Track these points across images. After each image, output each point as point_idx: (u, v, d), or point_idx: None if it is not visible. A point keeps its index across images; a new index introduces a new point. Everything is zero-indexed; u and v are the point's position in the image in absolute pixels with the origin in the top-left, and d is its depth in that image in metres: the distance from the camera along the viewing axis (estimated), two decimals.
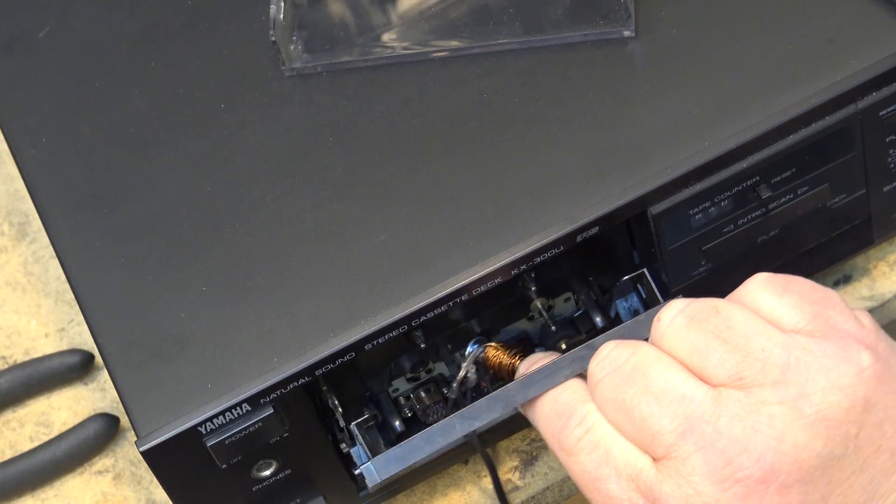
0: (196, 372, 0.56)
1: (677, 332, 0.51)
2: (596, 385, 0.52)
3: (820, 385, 0.49)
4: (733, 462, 0.48)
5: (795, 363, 0.49)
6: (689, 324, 0.51)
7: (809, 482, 0.48)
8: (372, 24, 0.65)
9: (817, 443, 0.48)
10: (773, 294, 0.52)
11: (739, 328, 0.50)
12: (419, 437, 0.57)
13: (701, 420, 0.49)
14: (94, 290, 0.60)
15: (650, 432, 0.50)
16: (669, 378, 0.50)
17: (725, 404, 0.49)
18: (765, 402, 0.49)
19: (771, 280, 0.52)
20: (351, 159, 0.62)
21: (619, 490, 0.51)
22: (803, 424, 0.48)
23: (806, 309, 0.51)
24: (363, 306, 0.57)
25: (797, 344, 0.50)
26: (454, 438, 0.57)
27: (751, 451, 0.48)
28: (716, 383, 0.50)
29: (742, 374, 0.49)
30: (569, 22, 0.63)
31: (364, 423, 0.59)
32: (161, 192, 0.63)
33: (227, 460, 0.56)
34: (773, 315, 0.51)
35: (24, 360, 0.73)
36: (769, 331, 0.50)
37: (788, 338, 0.50)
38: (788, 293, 0.52)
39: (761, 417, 0.48)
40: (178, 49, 0.68)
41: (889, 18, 0.60)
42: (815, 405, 0.48)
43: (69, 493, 0.69)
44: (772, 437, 0.48)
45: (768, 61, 0.60)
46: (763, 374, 0.49)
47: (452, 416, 0.57)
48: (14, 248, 0.78)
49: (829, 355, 0.49)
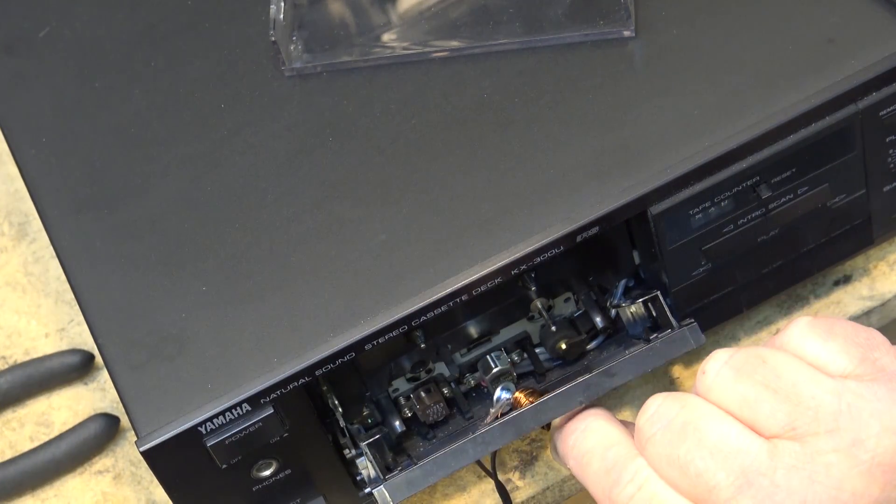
0: (196, 372, 0.56)
1: (725, 384, 0.51)
2: (647, 441, 0.51)
3: (874, 430, 0.48)
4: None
5: (847, 409, 0.49)
6: (737, 375, 0.50)
7: None
8: (372, 24, 0.65)
9: (874, 489, 0.48)
10: (818, 339, 0.51)
11: (788, 377, 0.50)
12: (431, 462, 0.58)
13: (758, 473, 0.48)
14: (94, 290, 0.60)
15: (706, 487, 0.49)
16: (723, 431, 0.50)
17: (781, 456, 0.49)
18: (820, 451, 0.48)
19: (814, 325, 0.52)
20: (351, 159, 0.62)
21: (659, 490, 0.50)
22: (860, 471, 0.48)
23: (853, 353, 0.51)
24: (363, 306, 0.57)
25: (847, 389, 0.49)
26: (467, 463, 0.58)
27: (810, 501, 0.48)
28: (768, 434, 0.49)
29: (795, 423, 0.49)
30: (569, 22, 0.63)
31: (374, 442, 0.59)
32: (161, 192, 0.63)
33: (227, 460, 0.57)
34: (820, 361, 0.51)
35: (24, 360, 0.73)
36: (818, 378, 0.50)
37: (838, 384, 0.50)
38: (833, 337, 0.51)
39: (818, 467, 0.48)
40: (178, 49, 0.68)
41: (889, 18, 0.60)
42: (869, 451, 0.48)
43: (69, 493, 0.69)
44: (830, 486, 0.48)
45: (768, 61, 0.60)
46: (816, 423, 0.49)
47: (465, 441, 0.58)
48: (14, 248, 0.78)
49: (880, 399, 0.49)
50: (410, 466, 0.59)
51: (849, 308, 0.68)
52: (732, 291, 0.63)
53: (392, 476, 0.59)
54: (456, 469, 0.58)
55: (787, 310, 0.68)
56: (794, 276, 0.64)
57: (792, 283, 0.65)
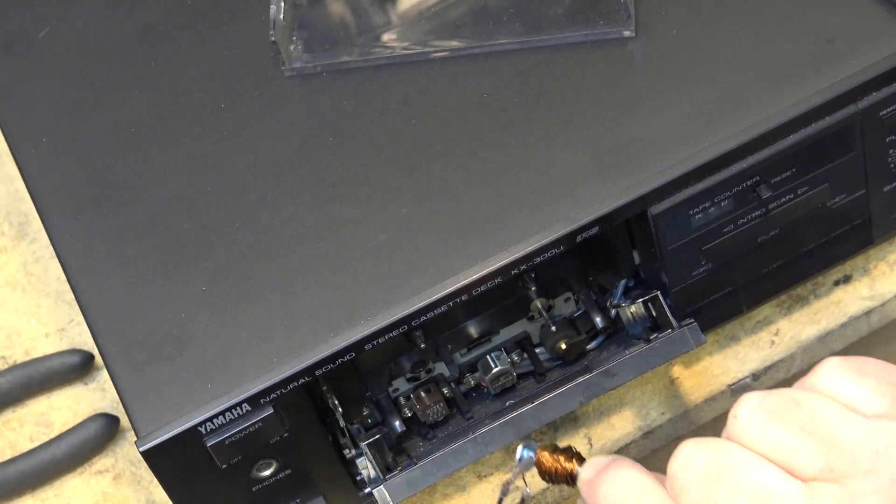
0: (196, 372, 0.56)
1: (759, 427, 0.50)
2: (682, 489, 0.50)
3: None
4: None
5: (885, 450, 0.49)
6: (771, 418, 0.50)
7: None
8: (372, 24, 0.65)
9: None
10: (850, 380, 0.51)
11: (822, 419, 0.49)
12: (431, 462, 0.58)
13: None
14: (94, 290, 0.60)
15: None
16: (761, 475, 0.49)
17: (820, 499, 0.48)
18: (860, 492, 0.48)
19: (844, 365, 0.51)
20: (351, 159, 0.62)
21: None
22: None
23: (886, 392, 0.50)
24: (363, 306, 0.57)
25: (883, 430, 0.49)
26: (466, 463, 0.58)
27: None
28: (805, 478, 0.49)
29: (832, 465, 0.48)
30: (569, 22, 0.63)
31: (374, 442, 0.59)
32: (161, 192, 0.63)
33: (227, 460, 0.56)
34: (854, 402, 0.50)
35: (24, 360, 0.73)
36: (853, 419, 0.49)
37: (873, 424, 0.49)
38: (865, 377, 0.51)
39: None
40: (178, 49, 0.68)
41: (889, 18, 0.60)
42: None
43: (69, 493, 0.69)
44: None
45: (768, 61, 0.60)
46: (854, 464, 0.48)
47: (465, 441, 0.58)
48: (14, 248, 0.78)
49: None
50: (410, 466, 0.59)
51: (849, 308, 0.68)
52: (732, 291, 0.63)
53: (392, 476, 0.59)
54: (456, 469, 0.58)
55: (788, 310, 0.68)
56: (794, 276, 0.64)
57: (792, 284, 0.65)
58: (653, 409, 0.67)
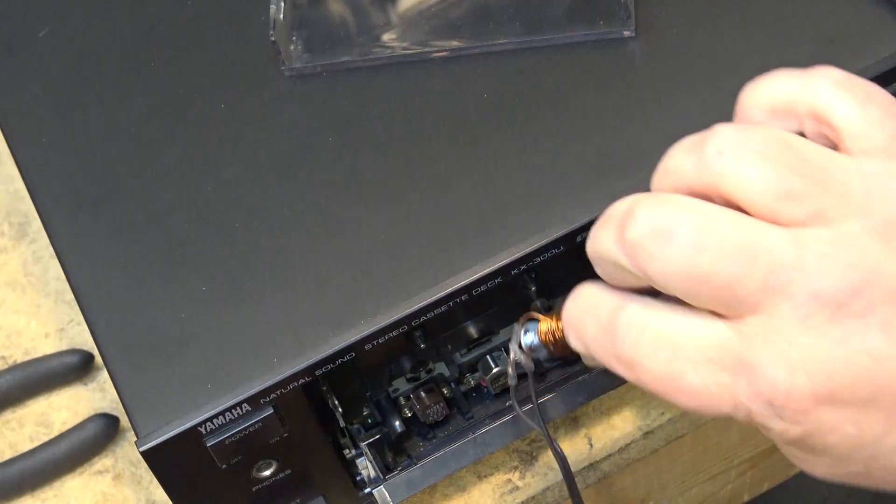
0: (196, 372, 0.56)
1: (745, 169, 0.44)
2: (647, 262, 0.45)
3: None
4: (829, 304, 0.43)
5: (877, 190, 0.44)
6: (761, 162, 0.44)
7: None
8: (372, 24, 0.65)
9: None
10: (856, 105, 0.46)
11: (814, 161, 0.45)
12: (431, 462, 0.58)
13: (785, 268, 0.43)
14: (94, 290, 0.60)
15: (732, 296, 0.44)
16: (743, 233, 0.44)
17: (809, 244, 0.44)
18: (852, 234, 0.44)
19: (850, 85, 0.46)
20: (351, 159, 0.62)
21: (700, 379, 0.45)
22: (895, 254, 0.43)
23: (888, 126, 0.45)
24: (363, 306, 0.57)
25: (875, 168, 0.45)
26: (467, 463, 0.57)
27: (845, 288, 0.43)
28: (792, 224, 0.44)
29: (822, 209, 0.44)
30: (569, 22, 0.63)
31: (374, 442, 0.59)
32: (161, 192, 0.63)
33: (227, 460, 0.56)
34: (852, 130, 0.46)
35: (23, 360, 0.73)
36: (845, 161, 0.45)
37: (866, 164, 0.45)
38: (872, 104, 0.46)
39: (851, 252, 0.43)
40: (178, 49, 0.68)
41: (889, 18, 0.60)
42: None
43: (69, 493, 0.69)
44: (867, 270, 0.43)
45: (768, 61, 0.60)
46: (845, 207, 0.44)
47: (465, 441, 0.58)
48: (14, 248, 0.78)
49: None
50: (410, 466, 0.59)
51: None
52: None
53: (392, 476, 0.59)
54: (456, 469, 0.58)
55: None
56: None
57: None
58: (653, 409, 0.67)
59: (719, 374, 0.45)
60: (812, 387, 0.44)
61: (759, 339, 0.44)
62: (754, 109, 0.48)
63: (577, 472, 0.66)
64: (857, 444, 0.45)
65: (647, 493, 0.76)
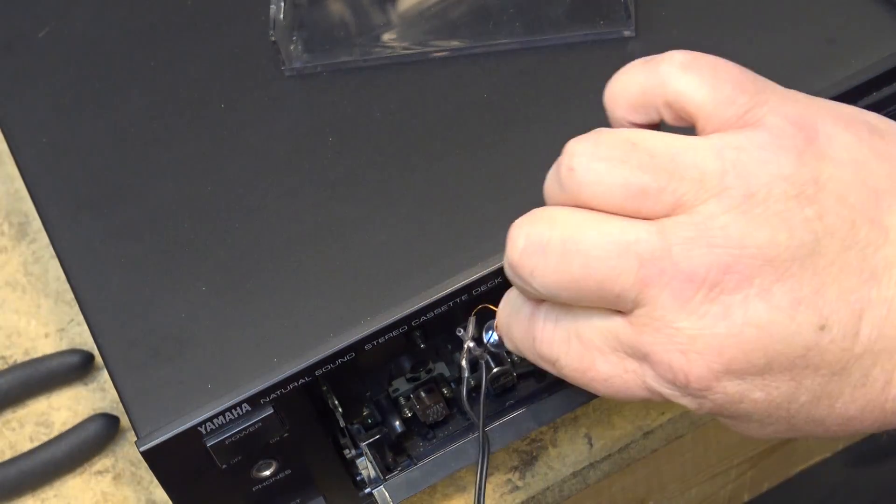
0: (196, 372, 0.56)
1: (599, 181, 0.46)
2: (531, 278, 0.47)
3: (763, 180, 0.45)
4: (702, 285, 0.45)
5: (732, 167, 0.45)
6: (611, 168, 0.46)
7: (791, 277, 0.45)
8: (372, 24, 0.65)
9: (781, 236, 0.45)
10: (704, 84, 0.47)
11: (663, 152, 0.46)
12: (431, 463, 0.58)
13: (654, 259, 0.45)
14: (94, 290, 0.60)
15: (612, 294, 0.46)
16: (606, 234, 0.46)
17: (673, 232, 0.45)
18: (712, 215, 0.45)
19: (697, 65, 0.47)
20: (351, 159, 0.62)
21: (610, 367, 0.48)
22: (758, 224, 0.45)
23: (740, 101, 0.47)
24: (363, 306, 0.57)
25: (727, 145, 0.46)
26: (467, 463, 0.57)
27: (715, 267, 0.45)
28: (656, 217, 0.46)
29: (680, 198, 0.46)
30: (569, 22, 0.63)
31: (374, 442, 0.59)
32: (161, 192, 0.63)
33: (227, 460, 0.57)
34: (704, 110, 0.47)
35: (24, 360, 0.73)
36: (694, 144, 0.46)
37: (716, 141, 0.46)
38: (721, 83, 0.47)
39: (713, 232, 0.45)
40: (178, 49, 0.68)
41: (889, 18, 0.60)
42: (761, 201, 0.45)
43: (69, 493, 0.69)
44: (732, 246, 0.45)
45: (768, 61, 0.60)
46: (702, 190, 0.45)
47: (465, 441, 0.58)
48: (14, 248, 0.78)
49: (763, 146, 0.46)
50: (410, 466, 0.59)
51: None
52: None
53: (392, 476, 0.59)
54: (456, 469, 0.58)
55: None
56: None
57: None
58: (653, 408, 0.67)
59: (626, 362, 0.47)
60: (707, 365, 0.46)
61: (648, 329, 0.46)
62: (615, 109, 0.49)
63: (578, 472, 0.66)
64: (770, 406, 0.47)
65: (647, 493, 0.76)
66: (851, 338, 0.46)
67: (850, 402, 0.47)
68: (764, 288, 0.45)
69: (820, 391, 0.46)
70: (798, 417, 0.47)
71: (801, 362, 0.46)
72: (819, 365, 0.46)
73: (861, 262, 0.46)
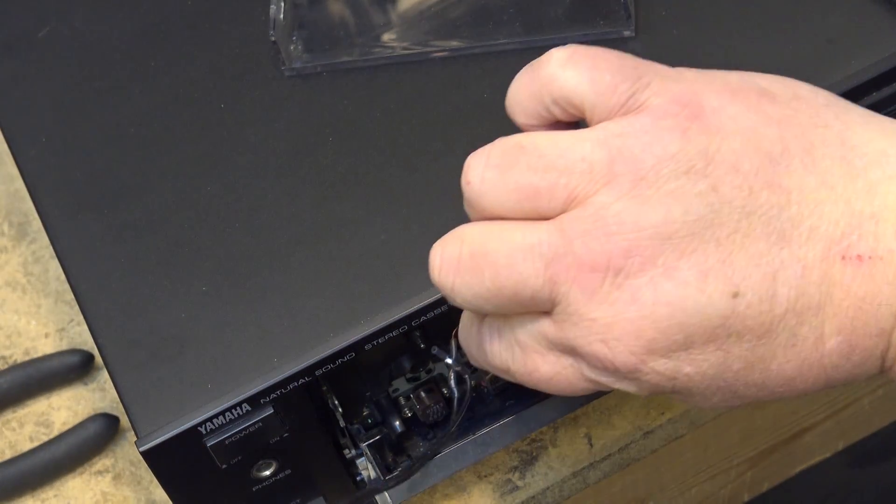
0: (196, 372, 0.56)
1: (494, 188, 0.48)
2: (453, 294, 0.49)
3: (649, 163, 0.46)
4: (606, 273, 0.46)
5: (618, 153, 0.46)
6: (502, 174, 0.48)
7: (693, 251, 0.46)
8: (372, 24, 0.65)
9: (675, 213, 0.46)
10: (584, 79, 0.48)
11: (550, 150, 0.47)
12: (432, 464, 0.58)
13: (558, 257, 0.46)
14: (94, 290, 0.60)
15: (527, 298, 0.47)
16: (509, 242, 0.47)
17: (570, 228, 0.46)
18: (605, 205, 0.46)
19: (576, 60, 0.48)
20: (351, 159, 0.62)
21: (550, 367, 0.49)
22: (651, 205, 0.46)
23: (622, 88, 0.48)
24: (363, 306, 0.57)
25: (611, 133, 0.47)
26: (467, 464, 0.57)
27: (615, 254, 0.46)
28: (555, 216, 0.47)
29: (573, 191, 0.47)
30: (569, 22, 0.63)
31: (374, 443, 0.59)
32: (161, 192, 0.63)
33: (227, 460, 0.56)
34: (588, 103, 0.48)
35: (23, 360, 0.73)
36: (579, 137, 0.47)
37: (600, 131, 0.47)
38: (600, 73, 0.48)
39: (608, 220, 0.46)
40: (178, 49, 0.68)
41: (889, 18, 0.60)
42: (651, 182, 0.46)
43: (69, 493, 0.69)
44: (628, 230, 0.46)
45: (768, 61, 0.60)
46: (593, 181, 0.46)
47: (466, 442, 0.58)
48: (14, 248, 0.78)
49: (647, 130, 0.47)
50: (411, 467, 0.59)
51: None
52: None
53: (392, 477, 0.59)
54: (457, 470, 0.58)
55: None
56: None
57: None
58: (653, 409, 0.67)
59: (562, 359, 0.49)
60: (628, 349, 0.47)
61: (568, 325, 0.47)
62: (514, 118, 0.51)
63: (577, 472, 0.66)
64: (705, 378, 0.47)
65: (647, 493, 0.76)
66: (769, 300, 0.46)
67: (784, 364, 0.47)
68: (669, 266, 0.46)
69: (751, 357, 0.47)
70: (738, 385, 0.48)
71: (721, 332, 0.46)
72: (742, 331, 0.46)
73: (766, 226, 0.46)
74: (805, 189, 0.47)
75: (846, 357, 0.47)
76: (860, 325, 0.46)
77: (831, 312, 0.46)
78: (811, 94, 0.49)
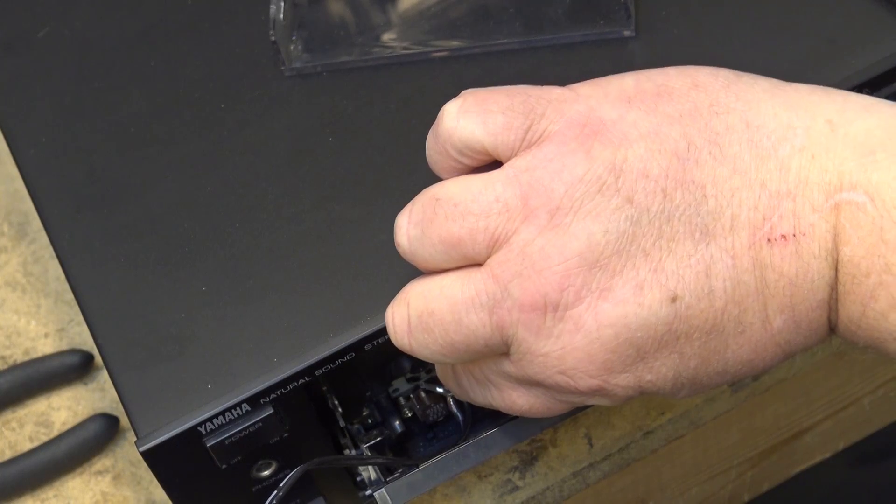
0: (196, 372, 0.56)
1: (421, 245, 0.50)
2: (415, 354, 0.51)
3: (560, 191, 0.47)
4: (545, 310, 0.47)
5: (529, 188, 0.47)
6: (424, 230, 0.49)
7: (623, 268, 0.47)
8: (372, 24, 0.65)
9: (597, 235, 0.46)
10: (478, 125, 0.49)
11: (464, 197, 0.48)
12: (433, 466, 0.58)
13: (498, 303, 0.48)
14: (94, 290, 0.60)
15: (481, 347, 0.49)
16: (449, 298, 0.49)
17: (502, 273, 0.48)
18: (527, 241, 0.47)
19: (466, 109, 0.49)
20: (351, 159, 0.62)
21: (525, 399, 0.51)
22: (571, 233, 0.47)
23: (515, 125, 0.49)
24: (363, 306, 0.57)
25: (519, 169, 0.48)
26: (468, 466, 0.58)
27: (548, 289, 0.47)
28: (483, 262, 0.48)
29: (495, 236, 0.48)
30: (569, 22, 0.63)
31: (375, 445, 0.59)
32: (161, 192, 0.63)
33: (227, 460, 0.56)
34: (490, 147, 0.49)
35: (23, 360, 0.73)
36: (489, 179, 0.48)
37: (509, 171, 0.48)
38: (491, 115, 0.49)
39: (533, 258, 0.47)
40: (178, 49, 0.68)
41: (889, 18, 0.60)
42: (567, 210, 0.47)
43: (69, 493, 0.69)
44: (555, 263, 0.47)
45: (768, 61, 0.60)
46: (510, 221, 0.47)
47: (467, 445, 0.58)
48: (14, 248, 0.78)
49: (551, 159, 0.47)
50: (412, 469, 0.59)
51: None
52: None
53: (393, 479, 0.59)
54: (458, 473, 0.58)
55: None
56: None
57: None
58: (653, 409, 0.67)
59: (533, 390, 0.50)
60: (587, 374, 0.48)
61: (525, 363, 0.49)
62: (438, 175, 0.52)
63: (577, 472, 0.66)
64: (667, 380, 0.48)
65: (647, 493, 0.76)
66: (707, 297, 0.47)
67: (738, 350, 0.48)
68: (603, 288, 0.47)
69: (704, 352, 0.48)
70: (700, 377, 0.49)
71: (669, 337, 0.47)
72: (689, 331, 0.47)
73: (688, 225, 0.47)
74: (718, 180, 0.47)
75: (794, 332, 0.48)
76: (799, 301, 0.47)
77: (769, 294, 0.47)
78: (710, 79, 0.50)
